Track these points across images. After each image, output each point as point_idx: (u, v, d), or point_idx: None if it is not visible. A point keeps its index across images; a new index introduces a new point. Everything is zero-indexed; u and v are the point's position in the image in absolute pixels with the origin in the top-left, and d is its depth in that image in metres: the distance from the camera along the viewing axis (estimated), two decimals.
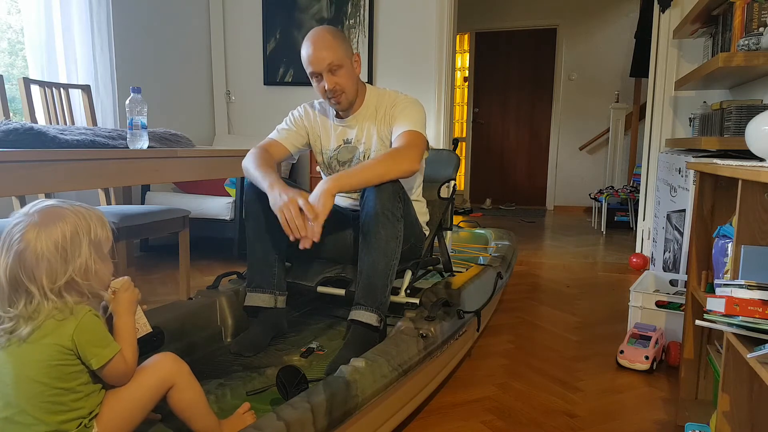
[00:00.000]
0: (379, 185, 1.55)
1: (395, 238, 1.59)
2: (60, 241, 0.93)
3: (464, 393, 1.76)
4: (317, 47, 1.65)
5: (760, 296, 1.02)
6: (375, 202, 1.56)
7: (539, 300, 2.83)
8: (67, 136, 1.54)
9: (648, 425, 1.58)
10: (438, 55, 3.85)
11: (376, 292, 1.57)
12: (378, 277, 1.57)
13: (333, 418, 1.09)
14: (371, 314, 1.56)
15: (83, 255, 0.96)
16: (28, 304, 0.92)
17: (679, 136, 3.46)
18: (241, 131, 4.39)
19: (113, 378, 0.99)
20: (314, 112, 1.89)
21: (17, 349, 0.92)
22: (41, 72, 2.92)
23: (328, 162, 1.86)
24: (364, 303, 1.57)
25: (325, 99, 1.75)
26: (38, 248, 0.92)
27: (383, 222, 1.55)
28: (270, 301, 1.71)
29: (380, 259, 1.57)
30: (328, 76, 1.67)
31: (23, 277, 0.92)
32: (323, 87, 1.69)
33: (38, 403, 0.92)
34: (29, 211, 0.95)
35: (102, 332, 0.97)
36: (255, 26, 4.25)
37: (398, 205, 1.59)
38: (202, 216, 3.41)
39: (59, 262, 0.93)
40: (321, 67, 1.66)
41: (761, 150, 1.29)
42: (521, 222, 5.61)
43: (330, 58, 1.64)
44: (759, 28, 2.37)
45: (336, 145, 1.83)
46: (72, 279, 0.95)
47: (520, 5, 6.49)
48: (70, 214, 0.97)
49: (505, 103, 6.89)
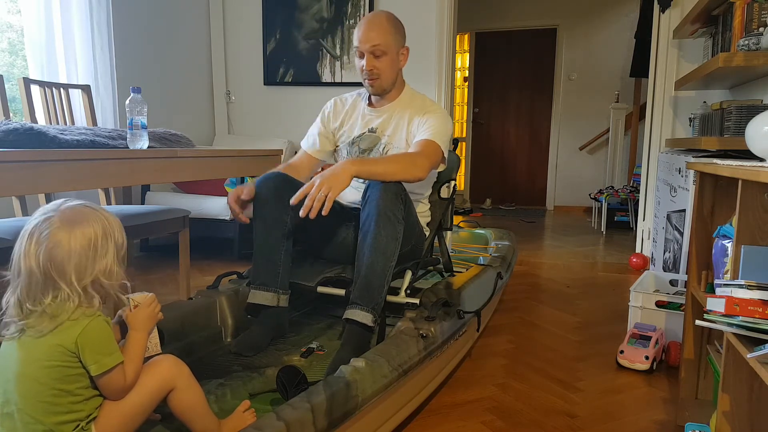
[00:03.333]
0: (383, 185, 1.56)
1: (395, 239, 1.59)
2: (93, 240, 0.95)
3: (464, 393, 1.76)
4: (369, 27, 1.71)
5: (760, 296, 1.02)
6: (377, 202, 1.56)
7: (539, 300, 2.83)
8: (67, 136, 1.54)
9: (648, 425, 1.58)
10: (438, 55, 3.86)
11: (373, 292, 1.57)
12: (375, 277, 1.57)
13: (333, 418, 1.09)
14: (366, 314, 1.55)
15: (109, 256, 0.98)
16: (54, 300, 0.93)
17: (679, 136, 3.46)
18: (241, 131, 4.39)
19: (109, 390, 0.98)
20: (344, 101, 1.95)
21: (25, 345, 0.93)
22: (41, 72, 2.92)
23: (349, 147, 1.89)
24: (360, 302, 1.57)
25: (362, 78, 1.79)
26: (72, 244, 0.93)
27: (384, 222, 1.56)
28: (273, 299, 1.70)
29: (379, 259, 1.56)
30: (369, 57, 1.72)
31: (53, 271, 0.93)
32: (362, 66, 1.75)
33: (36, 402, 0.92)
34: (59, 207, 0.96)
35: (108, 340, 0.96)
36: (255, 26, 4.25)
37: (400, 207, 1.59)
38: (202, 216, 3.40)
39: (89, 260, 0.95)
40: (365, 47, 1.72)
41: (761, 150, 1.29)
42: (521, 222, 5.61)
43: (376, 41, 1.70)
44: (759, 28, 2.37)
45: (360, 132, 1.87)
46: (97, 278, 0.96)
47: (520, 5, 6.49)
48: (99, 216, 0.99)
49: (505, 103, 6.89)
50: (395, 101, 1.85)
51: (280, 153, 2.43)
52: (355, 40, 1.75)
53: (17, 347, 0.93)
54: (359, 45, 1.73)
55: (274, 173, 1.76)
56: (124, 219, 2.17)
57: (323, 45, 4.12)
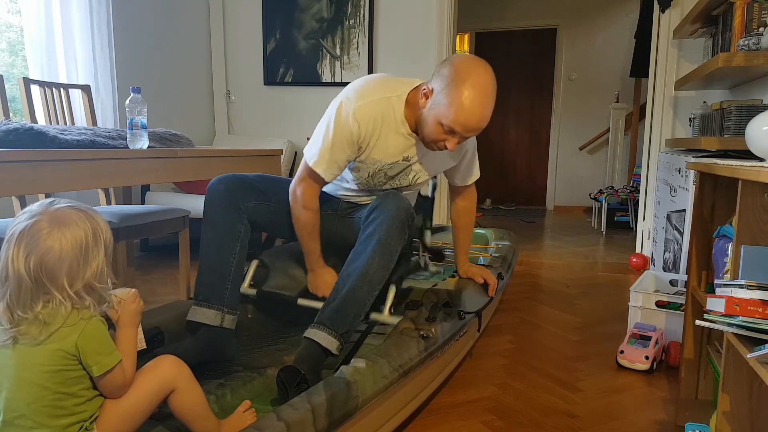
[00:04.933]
0: (396, 210, 1.46)
1: (386, 270, 1.49)
2: (83, 244, 0.92)
3: (464, 393, 1.76)
4: (483, 115, 1.40)
5: (760, 296, 1.02)
6: (382, 228, 1.46)
7: (539, 300, 2.83)
8: (67, 136, 1.54)
9: (648, 425, 1.58)
10: (438, 55, 3.85)
11: (346, 319, 1.45)
12: (354, 304, 1.46)
13: (333, 418, 1.09)
14: (333, 339, 1.42)
15: (99, 257, 0.95)
16: (46, 306, 0.91)
17: (679, 136, 3.46)
18: (241, 131, 4.39)
19: (110, 389, 0.97)
20: (368, 117, 1.50)
21: (21, 351, 0.91)
22: (41, 72, 2.92)
23: (374, 172, 1.62)
24: (329, 325, 1.43)
25: (430, 143, 1.50)
26: (63, 249, 0.90)
27: (381, 252, 1.46)
28: (216, 318, 1.54)
29: (364, 286, 1.46)
30: (461, 139, 1.45)
31: (44, 278, 0.90)
32: (444, 144, 1.45)
33: (39, 407, 0.91)
34: (44, 210, 0.93)
35: (106, 340, 0.96)
36: (255, 26, 4.24)
37: (403, 238, 1.49)
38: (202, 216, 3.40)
39: (80, 264, 0.92)
40: (468, 134, 1.43)
41: (761, 150, 1.29)
42: (521, 222, 5.61)
43: (482, 129, 1.44)
44: (759, 28, 2.37)
45: (394, 159, 1.59)
46: (89, 282, 0.94)
47: (520, 5, 6.49)
48: (86, 216, 0.95)
49: (504, 103, 6.88)
50: None
51: (280, 153, 2.43)
52: (458, 124, 1.39)
53: (12, 355, 0.91)
54: (460, 130, 1.40)
55: (228, 175, 1.63)
56: (124, 219, 2.19)
57: (323, 45, 4.12)
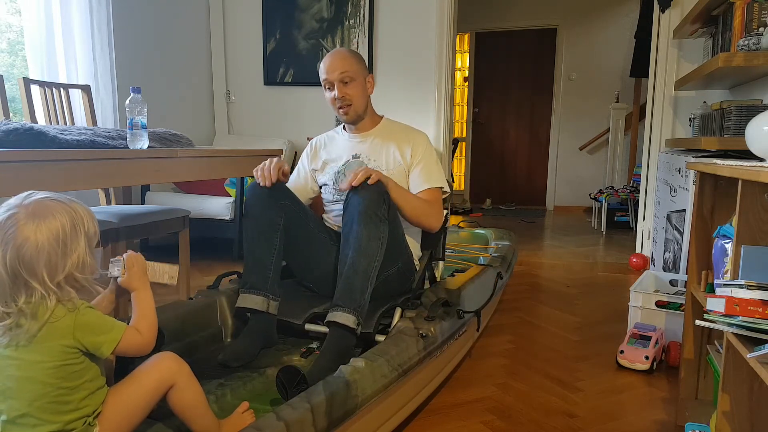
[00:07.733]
0: (365, 190, 1.56)
1: (377, 239, 1.55)
2: (60, 234, 0.92)
3: (464, 393, 1.76)
4: (333, 58, 1.77)
5: (760, 296, 1.02)
6: (359, 201, 1.55)
7: (539, 300, 2.83)
8: (67, 136, 1.54)
9: (648, 425, 1.59)
10: (438, 55, 3.85)
11: (355, 293, 1.52)
12: (357, 278, 1.53)
13: (333, 418, 1.09)
14: (348, 315, 1.50)
15: (80, 248, 0.94)
16: (29, 300, 0.90)
17: (679, 136, 3.46)
18: (241, 131, 4.39)
19: (131, 353, 1.01)
20: (321, 139, 1.98)
21: (20, 351, 0.91)
22: (41, 72, 2.92)
23: (336, 177, 1.86)
24: (341, 304, 1.52)
25: (335, 109, 1.82)
26: (39, 241, 0.89)
27: (365, 221, 1.53)
28: (263, 304, 1.65)
29: (361, 259, 1.53)
30: (339, 86, 1.76)
31: (23, 271, 0.89)
32: (333, 96, 1.78)
33: (44, 404, 0.91)
34: (21, 203, 0.92)
35: (100, 320, 0.97)
36: (255, 26, 4.24)
37: (383, 207, 1.57)
38: (202, 216, 3.40)
39: (59, 255, 0.92)
40: (334, 76, 1.75)
41: (761, 150, 1.29)
42: (521, 222, 5.61)
43: (343, 68, 1.74)
44: (759, 28, 2.37)
45: (345, 159, 1.87)
46: (70, 273, 0.93)
47: (520, 5, 6.49)
48: (65, 207, 0.95)
49: (505, 103, 6.89)
50: (377, 128, 1.87)
51: (280, 153, 2.43)
52: (322, 74, 1.77)
53: (9, 354, 0.91)
54: (327, 75, 1.76)
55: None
56: (124, 219, 2.19)
57: (323, 45, 4.12)
